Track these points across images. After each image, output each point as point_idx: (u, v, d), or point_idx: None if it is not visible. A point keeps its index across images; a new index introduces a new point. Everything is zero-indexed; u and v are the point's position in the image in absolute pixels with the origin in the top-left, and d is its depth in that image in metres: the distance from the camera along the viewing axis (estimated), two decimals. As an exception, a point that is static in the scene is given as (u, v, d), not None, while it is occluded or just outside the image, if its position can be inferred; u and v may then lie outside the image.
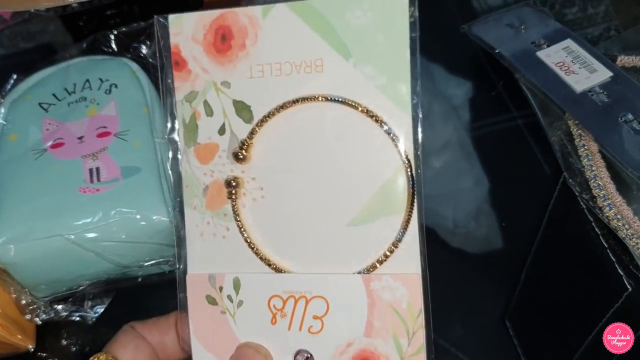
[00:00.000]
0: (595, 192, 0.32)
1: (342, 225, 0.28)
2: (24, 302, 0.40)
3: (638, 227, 0.30)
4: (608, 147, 0.32)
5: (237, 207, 0.29)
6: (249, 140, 0.28)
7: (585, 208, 0.32)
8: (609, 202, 0.31)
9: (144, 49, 0.47)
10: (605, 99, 0.35)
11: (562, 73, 0.37)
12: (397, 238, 0.27)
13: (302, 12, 0.27)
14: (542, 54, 0.38)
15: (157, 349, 0.31)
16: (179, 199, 0.30)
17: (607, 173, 0.32)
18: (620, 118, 0.34)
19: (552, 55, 0.38)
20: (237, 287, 0.29)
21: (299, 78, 0.28)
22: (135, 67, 0.45)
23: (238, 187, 0.29)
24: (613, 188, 0.32)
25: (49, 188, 0.38)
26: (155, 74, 0.28)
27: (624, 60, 0.37)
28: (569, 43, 0.39)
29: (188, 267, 0.30)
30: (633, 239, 0.30)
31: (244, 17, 0.28)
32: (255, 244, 0.29)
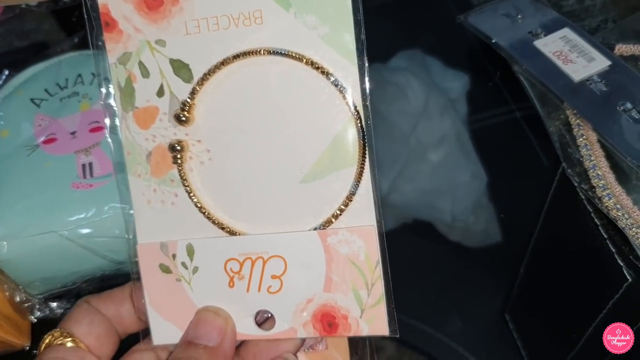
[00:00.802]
0: (595, 182, 0.31)
1: (294, 183, 0.27)
2: (19, 299, 0.39)
3: (637, 216, 0.30)
4: (607, 136, 0.32)
5: (183, 171, 0.28)
6: (191, 101, 0.27)
7: (585, 198, 0.32)
8: (608, 191, 0.31)
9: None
10: (604, 88, 0.35)
11: (559, 62, 0.36)
12: (350, 191, 0.27)
13: None
14: (539, 44, 0.38)
15: (113, 321, 0.30)
16: (122, 168, 0.29)
17: (606, 163, 0.32)
18: (619, 107, 0.33)
19: (549, 45, 0.38)
20: (190, 253, 0.28)
21: (238, 32, 0.26)
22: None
23: (183, 150, 0.28)
24: (612, 178, 0.31)
25: (42, 184, 0.38)
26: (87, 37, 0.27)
27: (622, 49, 0.37)
28: (567, 32, 0.38)
29: (137, 237, 0.29)
30: (633, 229, 0.29)
31: None
32: (207, 208, 0.28)
